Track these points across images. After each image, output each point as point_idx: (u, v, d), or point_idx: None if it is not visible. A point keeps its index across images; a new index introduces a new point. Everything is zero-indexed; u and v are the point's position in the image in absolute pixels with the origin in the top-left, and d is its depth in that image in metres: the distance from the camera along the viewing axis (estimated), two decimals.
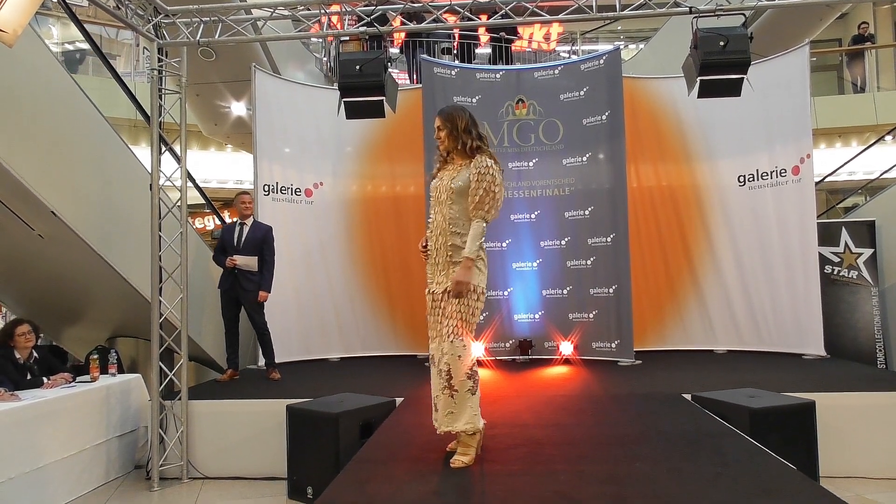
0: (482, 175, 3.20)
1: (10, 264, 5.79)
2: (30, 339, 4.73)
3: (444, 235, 3.27)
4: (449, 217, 3.27)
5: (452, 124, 3.34)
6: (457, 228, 3.26)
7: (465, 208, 3.24)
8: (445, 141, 3.37)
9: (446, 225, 3.27)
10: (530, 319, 6.71)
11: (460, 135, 3.32)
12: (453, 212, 3.27)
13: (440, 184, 3.35)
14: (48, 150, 4.89)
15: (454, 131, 3.33)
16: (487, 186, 3.19)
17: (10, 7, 3.64)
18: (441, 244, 3.28)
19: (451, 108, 3.44)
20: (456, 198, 3.26)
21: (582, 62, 6.93)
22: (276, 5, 5.47)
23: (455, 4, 5.26)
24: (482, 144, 3.35)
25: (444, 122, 3.37)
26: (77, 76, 6.85)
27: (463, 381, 3.16)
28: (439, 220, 3.30)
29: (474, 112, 6.65)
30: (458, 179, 3.27)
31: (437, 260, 3.30)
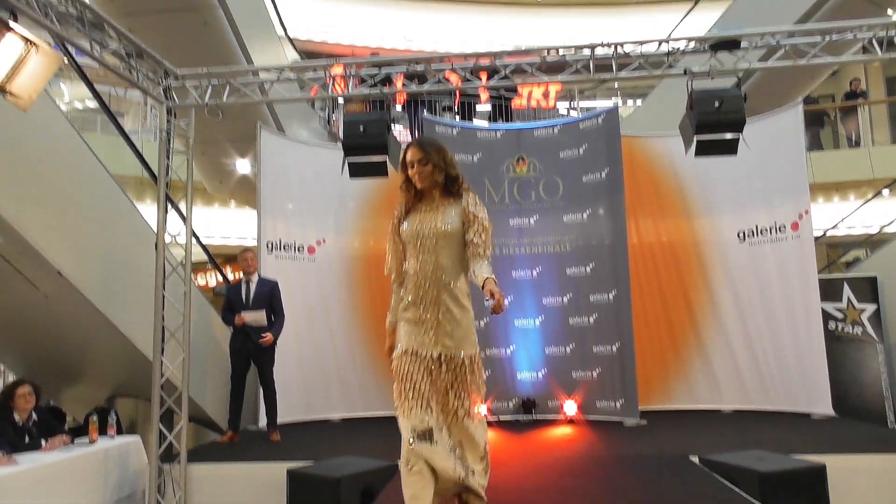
0: (481, 212, 2.92)
1: (12, 323, 5.79)
2: (29, 401, 4.68)
3: (433, 288, 2.87)
4: (440, 266, 2.87)
5: (440, 156, 2.94)
6: (449, 278, 2.88)
7: (457, 254, 2.90)
8: (429, 176, 2.94)
9: (438, 275, 2.87)
10: (533, 378, 6.66)
11: (448, 169, 2.95)
12: (444, 259, 2.88)
13: (421, 228, 2.92)
14: (55, 209, 4.96)
15: (441, 164, 2.94)
16: (488, 225, 2.92)
17: (27, 74, 3.74)
18: (430, 299, 2.87)
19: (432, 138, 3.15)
20: (447, 243, 2.89)
21: (580, 120, 7.07)
22: (282, 68, 5.63)
23: (456, 66, 5.41)
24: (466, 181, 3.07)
25: (429, 153, 2.93)
26: (86, 133, 6.98)
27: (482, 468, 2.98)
28: (427, 271, 2.88)
29: (476, 171, 6.84)
30: (447, 220, 2.90)
31: (424, 317, 2.88)
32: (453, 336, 2.87)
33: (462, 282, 2.93)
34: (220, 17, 7.02)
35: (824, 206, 12.01)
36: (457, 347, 2.88)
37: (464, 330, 2.91)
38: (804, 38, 4.88)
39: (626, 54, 5.08)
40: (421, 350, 2.87)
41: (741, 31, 4.89)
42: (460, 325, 2.89)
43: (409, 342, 2.91)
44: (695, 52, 5.03)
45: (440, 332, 2.86)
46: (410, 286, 2.93)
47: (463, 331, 2.90)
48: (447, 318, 2.87)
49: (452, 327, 2.87)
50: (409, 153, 2.95)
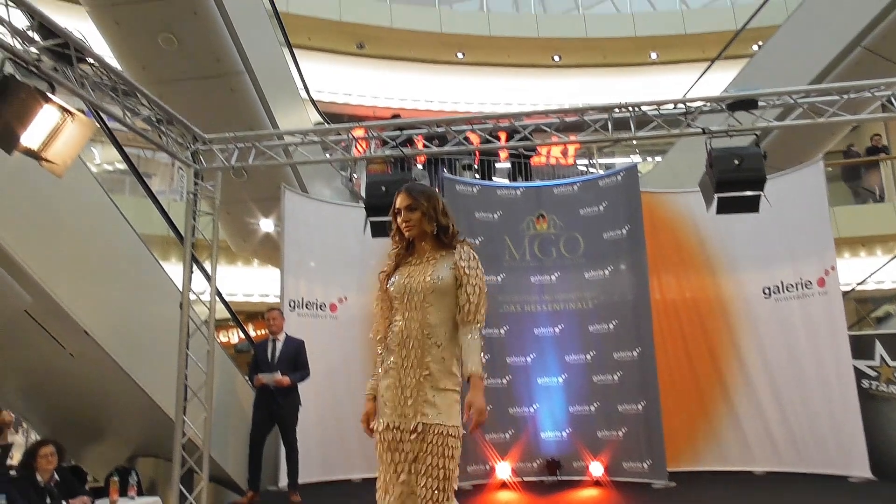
0: (474, 270, 2.61)
1: (38, 381, 5.85)
2: (51, 462, 4.69)
3: (417, 350, 2.57)
4: (427, 325, 2.58)
5: (429, 203, 2.67)
6: (437, 339, 2.58)
7: (446, 313, 2.60)
8: (418, 224, 2.67)
9: (424, 335, 2.58)
10: (557, 437, 6.53)
11: (438, 217, 2.68)
12: (431, 318, 2.59)
13: (409, 282, 2.64)
14: (84, 269, 5.06)
15: (431, 212, 2.67)
16: (482, 284, 2.63)
17: (63, 141, 3.89)
18: (413, 362, 2.57)
19: (422, 185, 2.80)
20: (436, 299, 2.60)
21: (600, 178, 7.13)
22: (306, 132, 5.79)
23: (476, 127, 5.52)
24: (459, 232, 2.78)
25: (418, 200, 2.66)
26: (115, 195, 7.17)
27: None
28: (412, 329, 2.59)
29: (496, 228, 6.89)
30: (437, 274, 2.61)
31: (405, 383, 2.57)
32: (436, 404, 2.52)
33: (452, 343, 2.62)
34: (247, 82, 7.27)
35: (851, 261, 11.85)
36: (438, 416, 2.52)
37: (449, 399, 2.56)
38: (822, 98, 4.93)
39: (644, 113, 5.15)
40: (402, 423, 2.54)
41: (758, 90, 4.95)
42: (445, 393, 2.55)
43: (391, 415, 2.57)
44: (712, 111, 5.09)
45: (420, 399, 2.53)
46: (394, 346, 2.63)
47: (448, 400, 2.55)
48: (430, 382, 2.55)
49: (435, 395, 2.53)
50: (398, 199, 2.69)
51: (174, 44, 6.64)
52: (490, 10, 19.50)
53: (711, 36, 17.32)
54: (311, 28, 16.66)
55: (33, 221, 4.71)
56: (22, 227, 4.57)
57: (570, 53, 19.05)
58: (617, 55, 19.02)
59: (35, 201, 4.71)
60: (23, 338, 5.02)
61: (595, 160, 15.58)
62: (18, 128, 3.70)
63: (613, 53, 18.95)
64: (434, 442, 2.49)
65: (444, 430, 2.51)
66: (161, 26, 6.46)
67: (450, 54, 18.90)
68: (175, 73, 6.90)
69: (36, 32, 3.93)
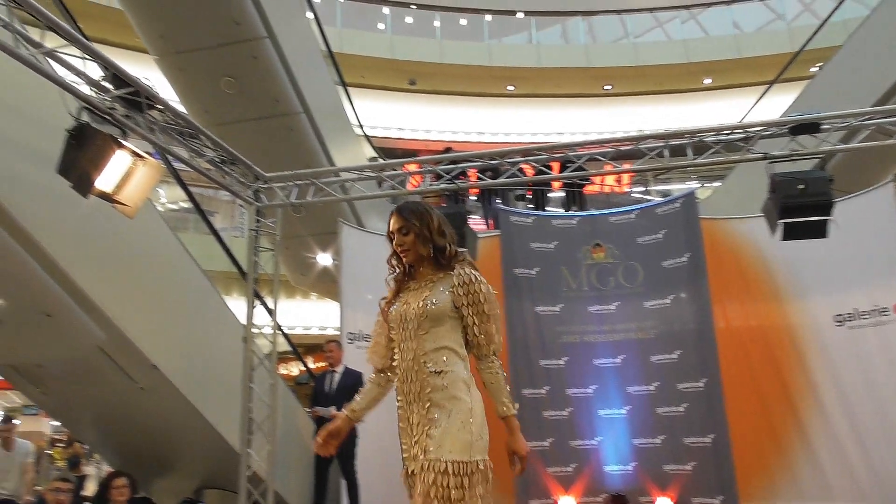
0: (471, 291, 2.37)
1: (110, 414, 6.04)
2: (124, 493, 4.82)
3: (416, 383, 2.35)
4: (423, 353, 2.35)
5: (422, 223, 2.43)
6: (435, 366, 2.33)
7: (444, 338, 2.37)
8: (412, 248, 2.44)
9: (419, 366, 2.34)
10: (623, 471, 6.34)
11: (434, 238, 2.43)
12: (427, 345, 2.36)
13: (406, 310, 2.42)
14: (152, 305, 5.24)
15: (425, 233, 2.43)
16: (483, 309, 2.38)
17: (134, 184, 4.08)
18: (414, 397, 2.35)
19: (415, 203, 2.54)
20: (430, 325, 2.37)
21: (657, 206, 7.02)
22: (362, 168, 5.92)
23: (531, 159, 5.53)
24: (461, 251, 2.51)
25: (409, 221, 2.44)
26: (179, 232, 7.44)
27: None
28: (409, 361, 2.37)
29: (552, 258, 6.84)
30: (431, 299, 2.38)
31: (412, 421, 2.35)
32: (439, 436, 2.26)
33: (458, 369, 2.36)
34: (304, 121, 7.49)
35: None
36: (438, 451, 2.24)
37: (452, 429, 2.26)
38: (889, 119, 4.76)
39: (702, 139, 5.07)
40: (414, 466, 2.32)
41: (821, 113, 4.82)
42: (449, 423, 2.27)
43: (406, 460, 2.38)
44: (772, 135, 4.97)
45: (424, 436, 2.29)
46: (398, 383, 2.43)
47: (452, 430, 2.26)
48: (434, 416, 2.30)
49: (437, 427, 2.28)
50: (391, 222, 2.48)
51: (235, 87, 6.92)
52: (539, 43, 19.65)
53: (767, 59, 17.03)
54: (364, 67, 17.13)
55: (105, 260, 4.92)
56: (95, 266, 4.78)
57: (621, 82, 19.01)
58: (669, 82, 18.89)
59: (107, 241, 4.93)
60: (96, 372, 5.21)
61: (650, 187, 15.37)
62: (94, 172, 3.89)
63: (666, 80, 18.83)
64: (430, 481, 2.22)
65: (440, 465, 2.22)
66: (222, 71, 6.75)
67: (500, 87, 19.11)
68: (236, 114, 7.17)
69: (109, 82, 4.16)
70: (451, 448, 2.24)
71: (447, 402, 2.30)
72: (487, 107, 19.11)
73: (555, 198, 11.99)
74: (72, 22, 5.15)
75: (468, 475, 2.22)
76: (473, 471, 2.24)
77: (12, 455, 6.45)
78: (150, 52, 6.87)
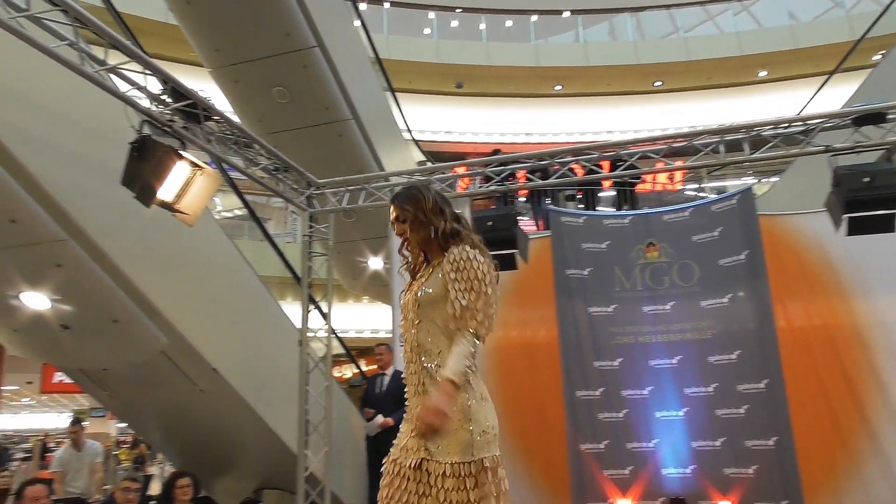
0: (460, 268, 2.19)
1: (173, 416, 6.24)
2: (188, 493, 4.97)
3: (416, 375, 2.28)
4: (418, 345, 2.26)
5: (416, 206, 2.32)
6: (430, 360, 2.24)
7: (437, 328, 2.24)
8: (412, 235, 2.35)
9: (417, 359, 2.26)
10: (681, 474, 6.20)
11: (429, 219, 2.31)
12: (422, 336, 2.26)
13: (407, 299, 2.36)
14: (212, 311, 5.40)
15: (420, 216, 2.32)
16: (471, 285, 2.17)
17: (193, 194, 4.21)
18: (415, 390, 2.28)
19: (409, 187, 2.43)
20: (423, 314, 2.26)
21: (713, 203, 6.85)
22: (412, 172, 5.96)
23: (581, 159, 5.48)
24: (461, 228, 2.35)
25: (403, 207, 2.34)
26: (234, 239, 7.64)
27: None
28: (408, 352, 2.31)
29: (604, 258, 6.75)
30: (426, 286, 2.27)
31: (413, 413, 2.27)
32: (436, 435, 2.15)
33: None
34: (354, 127, 7.60)
35: None
36: (436, 452, 2.15)
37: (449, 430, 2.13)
38: None
39: (759, 133, 4.94)
40: (402, 457, 2.23)
41: (887, 102, 4.62)
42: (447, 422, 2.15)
43: (397, 446, 2.30)
44: (833, 127, 4.80)
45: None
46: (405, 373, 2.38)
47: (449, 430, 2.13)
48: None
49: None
50: (391, 212, 2.41)
51: (287, 96, 7.07)
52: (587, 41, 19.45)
53: (825, 49, 16.48)
54: (411, 71, 17.27)
55: (167, 268, 5.09)
56: (157, 273, 4.96)
57: (671, 78, 18.65)
58: (722, 76, 18.45)
59: (168, 249, 5.10)
60: (160, 376, 5.40)
61: (704, 184, 15.02)
62: (156, 183, 4.04)
63: (718, 74, 18.39)
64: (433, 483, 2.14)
65: (439, 468, 2.14)
66: (274, 81, 6.91)
67: (547, 87, 18.99)
68: (288, 123, 7.33)
69: (169, 95, 4.31)
70: (449, 449, 2.15)
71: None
72: (535, 107, 19.01)
73: (605, 197, 11.83)
74: (132, 39, 5.35)
75: (471, 475, 2.12)
76: (478, 470, 2.13)
77: (82, 455, 6.74)
78: (205, 65, 7.09)
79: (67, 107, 4.35)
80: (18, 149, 3.88)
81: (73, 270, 4.43)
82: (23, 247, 4.30)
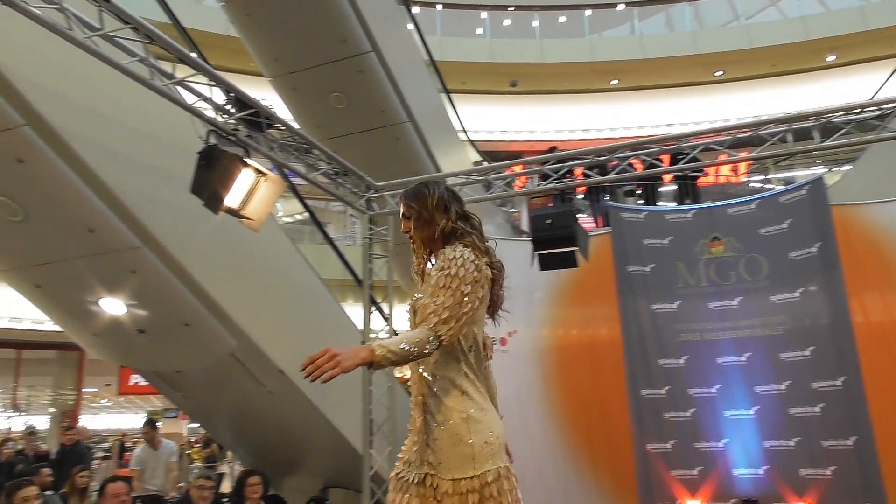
0: (444, 267, 2.07)
1: (243, 416, 6.43)
2: (257, 491, 5.11)
3: (416, 385, 2.19)
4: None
5: (420, 203, 2.22)
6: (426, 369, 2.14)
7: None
8: (415, 233, 2.27)
9: (415, 367, 2.17)
10: (753, 475, 6.00)
11: (433, 217, 2.20)
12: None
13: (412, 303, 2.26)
14: (278, 313, 5.54)
15: (425, 214, 2.21)
16: (447, 282, 2.05)
17: (257, 200, 4.33)
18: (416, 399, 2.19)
19: (418, 184, 2.32)
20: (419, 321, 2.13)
21: (780, 194, 6.61)
22: (469, 172, 5.97)
23: (640, 153, 5.38)
24: (464, 227, 2.21)
25: (409, 204, 2.25)
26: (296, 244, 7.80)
27: None
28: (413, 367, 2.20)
29: (667, 254, 6.61)
30: (422, 291, 2.20)
31: (415, 423, 2.19)
32: (436, 451, 2.09)
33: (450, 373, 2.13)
34: (410, 130, 7.67)
35: None
36: (438, 467, 2.08)
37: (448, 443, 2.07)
38: None
39: (829, 121, 4.74)
40: (405, 472, 2.16)
41: None
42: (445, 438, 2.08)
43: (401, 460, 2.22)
44: None
45: (424, 444, 2.12)
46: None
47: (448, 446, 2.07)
48: (430, 425, 2.11)
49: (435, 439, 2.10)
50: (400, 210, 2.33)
51: (344, 101, 7.19)
52: (643, 33, 19.06)
53: None
54: (465, 72, 17.29)
55: (234, 272, 5.26)
56: (225, 278, 5.12)
57: (732, 67, 18.09)
58: (787, 62, 17.78)
59: (234, 254, 5.27)
60: (229, 377, 5.57)
61: (770, 175, 14.53)
62: (223, 190, 4.17)
63: (783, 61, 17.73)
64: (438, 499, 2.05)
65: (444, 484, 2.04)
66: (331, 87, 7.04)
67: (603, 82, 18.70)
68: (346, 127, 7.46)
69: (232, 105, 4.45)
70: (449, 465, 2.06)
71: (439, 411, 2.11)
72: (591, 103, 18.76)
73: (666, 192, 11.57)
74: (198, 52, 5.55)
75: (474, 491, 2.01)
76: (482, 485, 2.02)
77: (159, 454, 7.02)
78: (265, 75, 7.28)
79: (138, 120, 4.55)
80: (95, 162, 4.08)
81: (147, 277, 4.62)
82: (100, 255, 4.51)
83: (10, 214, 4.15)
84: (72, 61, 3.81)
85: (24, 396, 17.87)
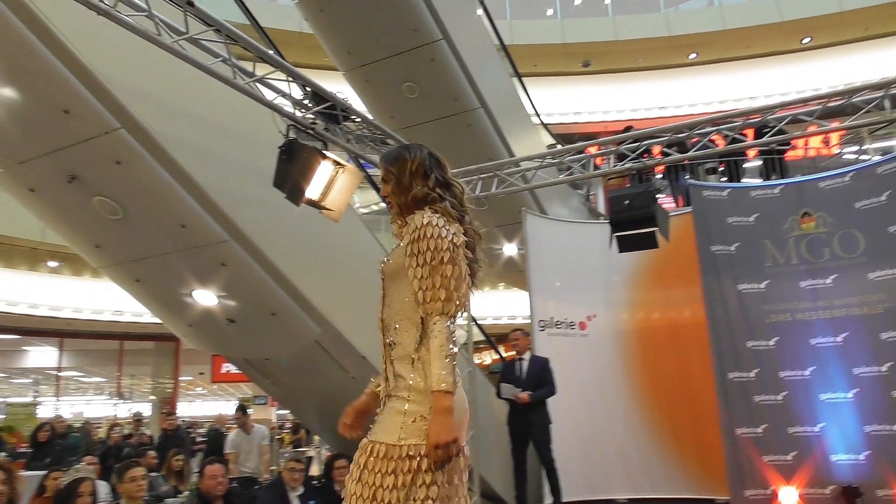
0: (417, 238, 1.97)
1: (328, 401, 6.62)
2: (345, 473, 5.26)
3: (383, 352, 2.12)
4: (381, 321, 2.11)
5: (400, 169, 2.12)
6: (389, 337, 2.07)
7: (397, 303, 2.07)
8: (392, 198, 2.17)
9: (382, 335, 2.11)
10: (853, 461, 5.72)
11: (410, 183, 2.10)
12: (385, 311, 2.11)
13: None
14: (358, 301, 5.66)
15: (403, 179, 2.11)
16: (425, 258, 1.95)
17: (336, 191, 4.44)
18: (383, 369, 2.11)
19: (399, 146, 2.26)
20: (387, 287, 2.11)
21: (878, 165, 6.23)
22: (543, 155, 5.92)
23: (723, 128, 5.18)
24: (438, 194, 2.09)
25: (388, 168, 2.15)
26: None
27: None
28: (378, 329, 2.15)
29: (753, 232, 6.36)
30: (391, 255, 2.12)
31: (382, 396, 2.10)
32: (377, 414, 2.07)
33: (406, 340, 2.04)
34: (482, 116, 7.66)
35: None
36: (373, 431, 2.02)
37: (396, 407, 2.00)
38: None
39: None
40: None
41: None
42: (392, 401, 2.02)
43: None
44: None
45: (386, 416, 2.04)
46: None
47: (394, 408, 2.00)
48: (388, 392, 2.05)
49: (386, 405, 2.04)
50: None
51: (416, 91, 7.26)
52: (722, 3, 18.23)
53: None
54: (536, 55, 17.06)
55: (315, 262, 5.42)
56: (307, 268, 5.29)
57: (822, 32, 17.06)
58: (880, 25, 16.62)
59: (316, 244, 5.43)
60: (314, 364, 5.76)
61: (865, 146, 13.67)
62: (303, 183, 4.31)
63: (876, 23, 16.58)
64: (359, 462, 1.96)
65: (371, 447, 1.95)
66: (404, 77, 7.12)
67: (681, 57, 18.04)
68: (419, 116, 7.53)
69: (310, 100, 4.58)
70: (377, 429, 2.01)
71: (392, 378, 2.04)
72: (668, 79, 18.13)
73: (750, 168, 11.07)
74: (276, 50, 5.73)
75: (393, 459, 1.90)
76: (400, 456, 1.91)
77: (252, 438, 7.36)
78: (339, 69, 7.43)
79: (222, 119, 4.75)
80: (185, 160, 4.28)
81: (236, 269, 4.84)
82: (192, 249, 4.75)
83: (110, 213, 4.42)
84: (160, 65, 4.02)
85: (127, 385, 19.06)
